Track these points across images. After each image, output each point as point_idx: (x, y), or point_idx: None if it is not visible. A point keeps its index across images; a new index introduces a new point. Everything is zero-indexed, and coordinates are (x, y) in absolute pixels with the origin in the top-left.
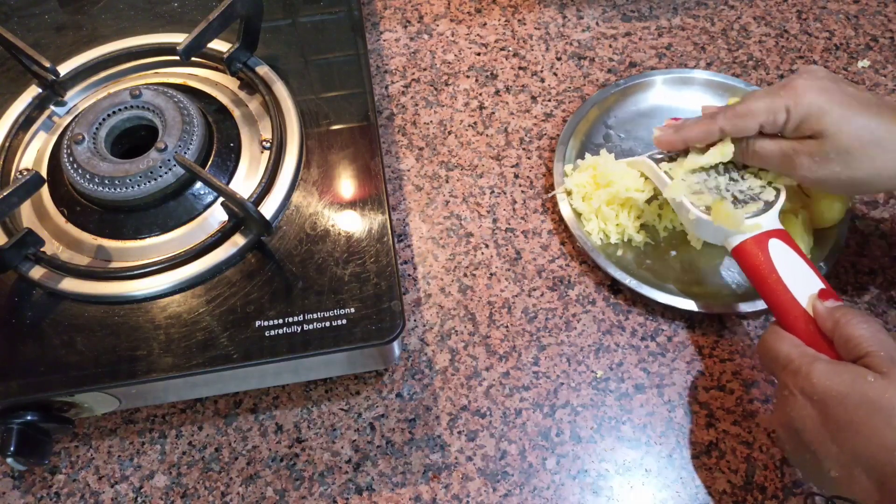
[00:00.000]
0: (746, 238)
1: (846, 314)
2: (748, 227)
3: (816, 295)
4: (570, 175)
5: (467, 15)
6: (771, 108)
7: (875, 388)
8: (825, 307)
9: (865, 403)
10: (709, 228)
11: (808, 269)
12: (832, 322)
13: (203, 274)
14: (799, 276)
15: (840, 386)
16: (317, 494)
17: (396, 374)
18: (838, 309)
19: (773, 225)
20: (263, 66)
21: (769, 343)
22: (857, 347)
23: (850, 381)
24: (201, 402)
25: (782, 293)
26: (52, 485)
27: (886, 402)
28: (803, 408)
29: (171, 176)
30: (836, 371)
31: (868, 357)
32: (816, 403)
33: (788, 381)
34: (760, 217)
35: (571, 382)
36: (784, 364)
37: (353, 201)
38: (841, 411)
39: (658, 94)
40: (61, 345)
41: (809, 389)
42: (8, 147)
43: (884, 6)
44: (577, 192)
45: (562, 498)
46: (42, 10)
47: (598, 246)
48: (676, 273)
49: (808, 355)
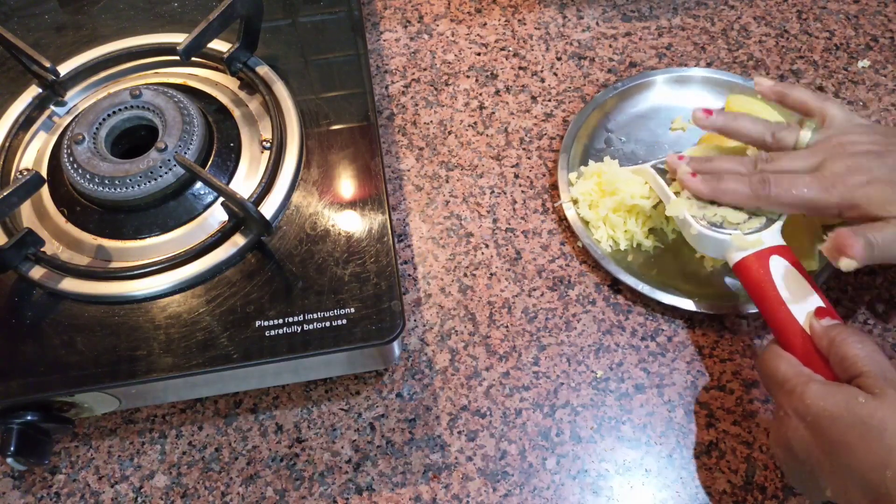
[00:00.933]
0: (748, 254)
1: (842, 333)
2: (750, 244)
3: (813, 313)
4: (574, 183)
5: (467, 15)
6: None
7: (866, 409)
8: (821, 326)
9: (857, 424)
10: (710, 243)
11: (808, 287)
12: (828, 341)
13: (203, 274)
14: (799, 293)
15: (833, 407)
16: (317, 494)
17: (396, 374)
18: (834, 328)
19: (775, 241)
20: (263, 66)
21: (766, 362)
22: (851, 367)
23: (842, 402)
24: (201, 402)
25: (781, 311)
26: (52, 485)
27: (877, 423)
28: (797, 428)
29: (171, 176)
30: (830, 392)
31: (862, 377)
32: (810, 424)
33: (784, 401)
34: (763, 233)
35: (571, 382)
36: (780, 384)
37: (354, 201)
38: (834, 432)
39: (657, 95)
40: (61, 345)
41: (803, 410)
42: (8, 147)
43: (884, 6)
44: (583, 200)
45: (562, 498)
46: (42, 10)
47: (608, 253)
48: (685, 275)
49: (804, 375)
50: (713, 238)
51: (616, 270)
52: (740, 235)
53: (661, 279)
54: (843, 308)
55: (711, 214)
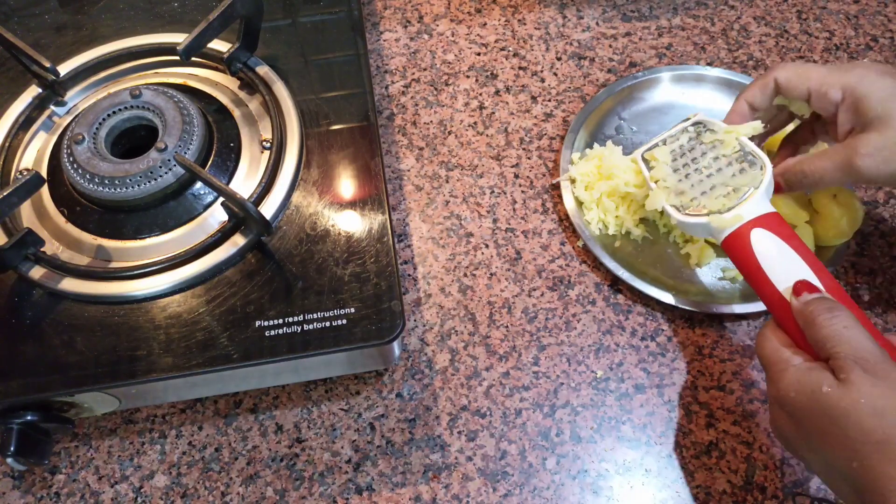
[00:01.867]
0: (730, 232)
1: (815, 310)
2: (728, 222)
3: (792, 290)
4: (576, 163)
5: (467, 15)
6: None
7: (831, 399)
8: (798, 303)
9: (825, 415)
10: (694, 229)
11: (796, 258)
12: (803, 320)
13: (203, 274)
14: (786, 266)
15: (802, 397)
16: (317, 494)
17: (396, 374)
18: (810, 303)
19: (758, 211)
20: (263, 66)
21: (757, 345)
22: (822, 349)
23: (809, 391)
24: (201, 402)
25: (767, 287)
26: (52, 485)
27: (840, 413)
28: (780, 416)
29: (171, 176)
30: (801, 381)
31: (833, 359)
32: (787, 412)
33: (768, 387)
34: (741, 207)
35: (571, 382)
36: (766, 368)
37: (354, 201)
38: (807, 422)
39: (672, 91)
40: (61, 345)
41: (780, 398)
42: (8, 147)
43: (884, 6)
44: (580, 180)
45: (562, 498)
46: (42, 10)
47: (596, 236)
48: (673, 269)
49: (783, 361)
50: (693, 224)
51: (601, 254)
52: (718, 216)
53: (647, 270)
54: None
55: (689, 200)
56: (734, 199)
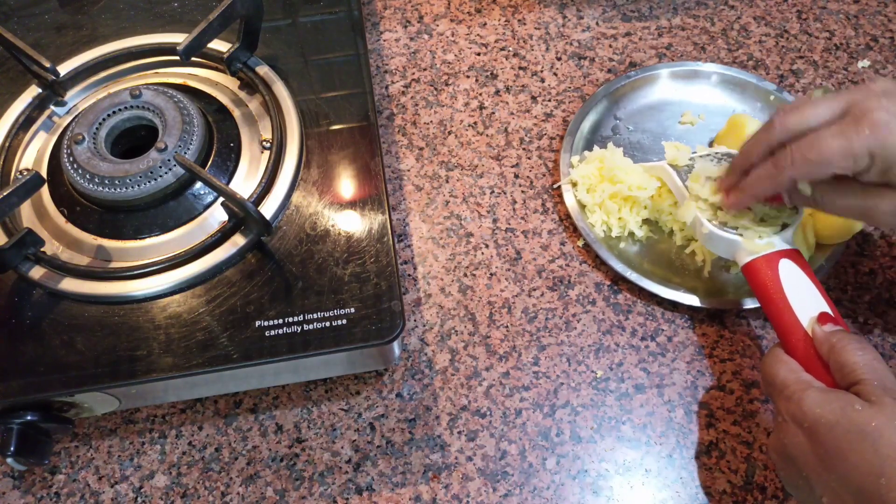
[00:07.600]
0: (758, 257)
1: (842, 339)
2: (761, 247)
3: (816, 318)
4: (576, 166)
5: (467, 15)
6: (849, 151)
7: (862, 417)
8: (823, 331)
9: (853, 432)
10: (721, 244)
11: (815, 292)
12: (828, 346)
13: (203, 274)
14: (805, 298)
15: (829, 414)
16: (317, 494)
17: (396, 374)
18: (835, 334)
19: (787, 244)
20: (263, 66)
21: (767, 367)
22: (850, 374)
23: (839, 409)
24: (201, 402)
25: (787, 315)
26: (52, 485)
27: (873, 430)
28: (795, 435)
29: (171, 176)
30: (827, 399)
31: (860, 384)
32: (807, 431)
33: (782, 406)
34: (775, 237)
35: (571, 382)
36: (780, 389)
37: (354, 201)
38: (830, 439)
39: (668, 88)
40: (61, 345)
41: (800, 416)
42: (8, 147)
43: (884, 6)
44: (582, 183)
45: (562, 498)
46: (42, 10)
47: (601, 238)
48: (678, 269)
49: (803, 382)
50: (724, 238)
51: (607, 256)
52: (752, 238)
53: (651, 269)
54: (843, 308)
55: (724, 215)
56: (764, 227)
